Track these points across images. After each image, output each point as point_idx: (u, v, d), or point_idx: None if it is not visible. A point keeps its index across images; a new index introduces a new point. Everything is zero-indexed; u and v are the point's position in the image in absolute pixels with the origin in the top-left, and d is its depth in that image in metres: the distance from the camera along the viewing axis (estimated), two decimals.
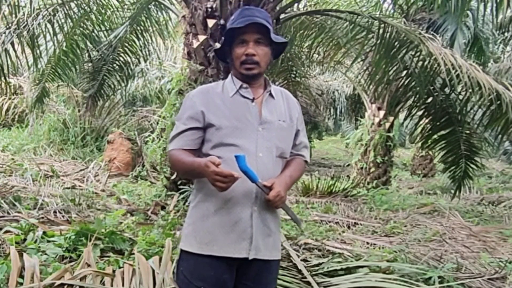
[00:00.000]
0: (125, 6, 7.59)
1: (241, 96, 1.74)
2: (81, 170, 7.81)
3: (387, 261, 3.63)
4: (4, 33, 5.91)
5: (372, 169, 9.67)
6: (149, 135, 8.16)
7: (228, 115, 1.70)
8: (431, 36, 5.74)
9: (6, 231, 3.65)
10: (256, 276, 1.74)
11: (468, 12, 8.39)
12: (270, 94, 1.79)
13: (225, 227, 1.67)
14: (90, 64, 8.60)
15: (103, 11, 7.24)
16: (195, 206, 1.75)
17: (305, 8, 8.11)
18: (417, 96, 6.50)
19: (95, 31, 7.52)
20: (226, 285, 1.70)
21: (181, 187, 5.54)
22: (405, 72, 6.46)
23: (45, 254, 3.18)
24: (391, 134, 9.72)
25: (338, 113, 14.64)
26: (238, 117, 1.70)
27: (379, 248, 4.39)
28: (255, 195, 1.68)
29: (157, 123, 7.82)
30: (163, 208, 5.32)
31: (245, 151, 1.66)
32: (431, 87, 6.43)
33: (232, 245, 1.67)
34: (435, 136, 6.96)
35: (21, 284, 2.60)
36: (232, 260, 1.68)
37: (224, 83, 1.79)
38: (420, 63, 6.10)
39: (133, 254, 3.15)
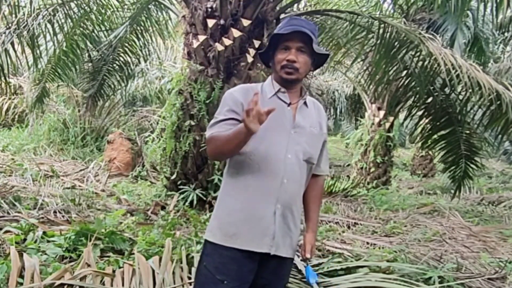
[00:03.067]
0: (125, 6, 7.58)
1: (278, 99, 1.83)
2: (81, 170, 7.81)
3: (387, 261, 3.62)
4: (4, 33, 5.91)
5: (372, 169, 9.67)
6: (149, 135, 8.16)
7: None
8: (431, 36, 5.74)
9: (6, 231, 3.65)
10: (273, 270, 1.84)
11: (468, 12, 8.38)
12: (305, 103, 1.88)
13: (249, 222, 1.77)
14: (90, 64, 8.59)
15: (103, 11, 7.23)
16: (222, 200, 1.85)
17: (305, 8, 8.13)
18: (417, 96, 6.49)
19: (95, 31, 7.51)
20: (247, 278, 1.79)
21: (181, 187, 5.54)
22: (405, 72, 6.45)
23: (45, 254, 3.17)
24: (391, 134, 9.72)
25: (338, 113, 14.62)
26: (274, 118, 1.76)
27: (379, 248, 4.39)
28: (278, 194, 1.77)
29: (157, 123, 7.81)
30: (163, 208, 5.33)
31: (275, 151, 1.77)
32: (431, 87, 6.42)
33: (255, 239, 1.76)
34: (435, 136, 6.96)
35: (21, 284, 2.60)
36: (254, 255, 1.77)
37: (262, 85, 1.89)
38: (420, 63, 6.10)
39: (133, 254, 3.14)
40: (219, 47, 5.41)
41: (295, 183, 1.81)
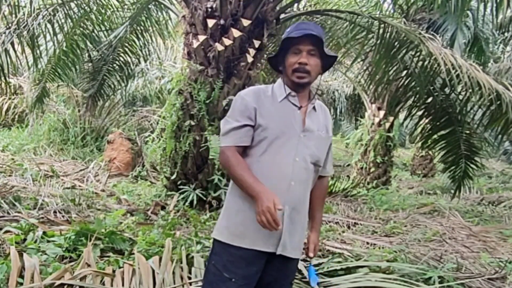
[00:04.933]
0: (125, 6, 7.58)
1: (289, 102, 1.85)
2: (81, 170, 7.81)
3: (387, 261, 3.62)
4: (4, 33, 5.91)
5: (372, 169, 9.67)
6: (149, 135, 8.16)
7: (275, 119, 1.81)
8: (431, 36, 5.74)
9: (6, 231, 3.65)
10: (279, 268, 1.87)
11: (468, 12, 8.38)
12: (313, 107, 1.90)
13: (256, 222, 1.75)
14: (90, 64, 8.59)
15: (103, 11, 7.24)
16: (231, 200, 1.86)
17: (305, 8, 8.11)
18: (417, 96, 6.49)
19: (95, 31, 7.51)
20: (254, 277, 1.82)
21: (181, 187, 5.54)
22: (405, 72, 6.46)
23: (45, 254, 3.18)
24: (391, 134, 9.72)
25: (338, 113, 14.61)
26: (285, 122, 1.82)
27: (379, 248, 4.39)
28: (286, 196, 1.78)
29: (157, 123, 7.81)
30: (163, 208, 5.33)
31: (285, 154, 1.79)
32: (431, 87, 6.42)
33: (262, 239, 1.78)
34: (435, 136, 6.96)
35: (21, 284, 2.60)
36: (261, 254, 1.80)
37: (273, 88, 1.89)
38: (420, 63, 6.10)
39: (133, 254, 3.14)
40: (219, 47, 5.41)
41: (302, 185, 1.84)
